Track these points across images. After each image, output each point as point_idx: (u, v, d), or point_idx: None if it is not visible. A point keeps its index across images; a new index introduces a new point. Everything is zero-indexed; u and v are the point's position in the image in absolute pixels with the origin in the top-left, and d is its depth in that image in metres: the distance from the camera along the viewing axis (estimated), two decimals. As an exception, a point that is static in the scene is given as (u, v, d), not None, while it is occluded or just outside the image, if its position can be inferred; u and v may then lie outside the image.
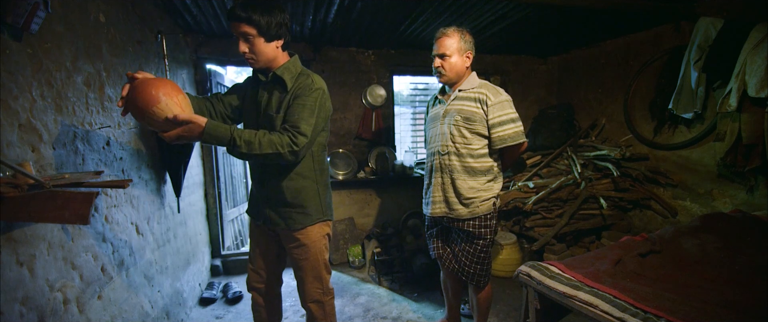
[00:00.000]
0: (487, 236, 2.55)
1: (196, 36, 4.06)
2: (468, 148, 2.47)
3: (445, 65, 2.48)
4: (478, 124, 2.44)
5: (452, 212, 2.56)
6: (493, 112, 2.39)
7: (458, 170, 2.51)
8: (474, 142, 2.47)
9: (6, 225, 1.39)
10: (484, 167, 2.49)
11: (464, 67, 2.49)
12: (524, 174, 4.62)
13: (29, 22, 1.48)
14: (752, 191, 3.29)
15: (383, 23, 3.80)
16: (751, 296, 1.92)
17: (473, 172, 2.49)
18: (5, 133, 1.40)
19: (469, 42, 2.47)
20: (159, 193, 2.94)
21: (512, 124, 2.39)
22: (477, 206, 2.49)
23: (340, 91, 4.67)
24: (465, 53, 2.47)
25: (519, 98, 5.41)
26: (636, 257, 2.43)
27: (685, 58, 3.46)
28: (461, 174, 2.50)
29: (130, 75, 1.65)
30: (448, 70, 2.48)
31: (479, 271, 2.61)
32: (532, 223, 4.19)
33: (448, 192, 2.57)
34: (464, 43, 2.45)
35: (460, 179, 2.50)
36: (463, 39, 2.44)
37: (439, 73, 2.53)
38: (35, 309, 1.52)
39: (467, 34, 2.47)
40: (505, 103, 2.40)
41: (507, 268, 4.06)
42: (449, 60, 2.46)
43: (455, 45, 2.44)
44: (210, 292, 3.80)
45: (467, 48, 2.47)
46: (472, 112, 2.44)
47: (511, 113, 2.40)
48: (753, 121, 2.90)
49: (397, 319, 3.36)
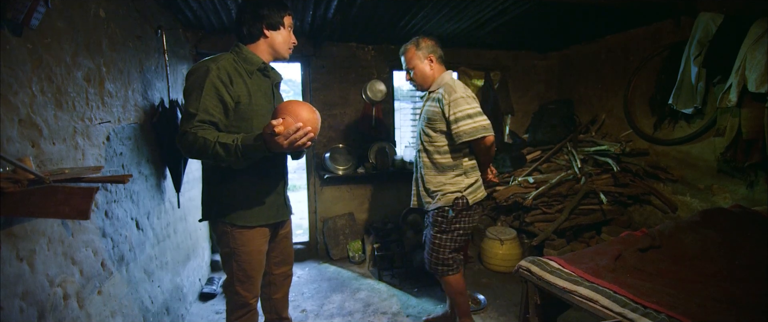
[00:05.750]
0: (442, 226, 2.68)
1: (196, 31, 4.05)
2: (434, 145, 2.67)
3: (414, 77, 2.74)
4: (439, 123, 2.61)
5: (423, 204, 2.82)
6: (449, 109, 2.52)
7: (428, 165, 2.73)
8: (438, 140, 2.65)
9: (6, 220, 1.39)
10: (450, 163, 2.65)
11: (429, 71, 2.69)
12: (524, 169, 4.62)
13: (29, 18, 1.47)
14: (752, 186, 3.29)
15: (383, 18, 3.79)
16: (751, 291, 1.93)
17: (441, 167, 2.67)
18: (5, 128, 1.40)
19: (426, 46, 2.67)
20: (159, 188, 2.94)
21: (469, 120, 2.48)
22: (439, 198, 2.66)
23: (340, 86, 4.66)
24: (426, 58, 2.67)
25: (519, 93, 5.41)
26: (636, 252, 2.44)
27: (685, 54, 3.45)
28: (430, 170, 2.71)
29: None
30: (417, 79, 2.74)
31: (434, 258, 2.76)
32: (532, 218, 4.20)
33: (419, 186, 2.83)
34: (420, 50, 2.67)
35: (429, 175, 2.72)
36: (418, 48, 2.67)
37: (414, 85, 2.82)
38: (35, 304, 1.52)
39: (423, 40, 2.69)
40: (460, 100, 2.50)
41: (507, 263, 4.06)
42: (414, 71, 2.71)
43: (413, 57, 2.69)
44: (210, 287, 3.81)
45: (426, 53, 2.67)
46: (434, 112, 2.63)
47: (468, 109, 2.49)
48: (753, 117, 2.90)
49: (397, 314, 3.36)
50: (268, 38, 2.10)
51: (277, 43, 2.12)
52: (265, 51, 2.13)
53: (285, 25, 2.13)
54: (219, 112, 1.88)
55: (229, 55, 2.03)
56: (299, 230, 6.13)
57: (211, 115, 1.84)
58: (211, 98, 1.85)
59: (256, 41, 2.10)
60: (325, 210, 4.82)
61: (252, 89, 2.03)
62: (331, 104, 4.66)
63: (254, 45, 2.10)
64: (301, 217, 6.42)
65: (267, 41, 2.11)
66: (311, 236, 4.90)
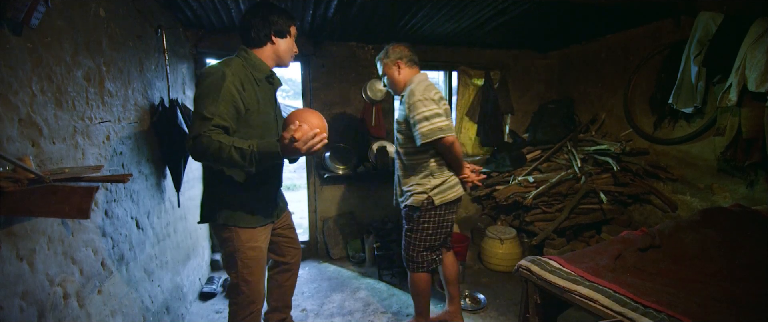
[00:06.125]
0: (411, 224, 2.82)
1: (196, 30, 4.05)
2: (404, 147, 2.77)
3: (387, 84, 2.87)
4: (404, 125, 2.69)
5: (399, 203, 2.95)
6: (409, 112, 2.60)
7: (401, 167, 2.85)
8: (406, 142, 2.73)
9: (6, 220, 1.39)
10: (417, 164, 2.73)
11: (398, 76, 2.76)
12: (524, 169, 4.62)
13: (29, 17, 1.47)
14: (752, 185, 3.29)
15: (383, 18, 3.78)
16: (751, 290, 1.93)
17: (410, 168, 2.77)
18: (5, 127, 1.40)
19: (394, 52, 2.76)
20: (159, 187, 2.94)
21: (426, 123, 2.52)
22: (408, 198, 2.78)
23: (340, 85, 4.66)
24: (394, 64, 2.75)
25: (519, 93, 5.41)
26: (636, 251, 2.44)
27: (685, 53, 3.45)
28: (404, 171, 2.83)
29: None
30: (390, 86, 2.85)
31: (406, 254, 2.92)
32: (532, 217, 4.20)
33: (396, 186, 2.97)
34: (388, 58, 2.76)
35: (404, 176, 2.83)
36: (386, 56, 2.77)
37: (390, 92, 2.91)
38: (35, 304, 1.52)
39: (391, 48, 2.78)
40: (418, 103, 2.54)
41: (507, 262, 4.07)
42: (386, 78, 2.83)
43: (384, 66, 2.80)
44: (210, 286, 3.81)
45: (393, 59, 2.75)
46: (401, 115, 2.73)
47: (425, 111, 2.53)
48: (753, 116, 2.90)
49: (397, 313, 3.37)
50: (274, 45, 2.19)
51: (281, 51, 2.23)
52: (269, 57, 2.21)
53: (290, 34, 2.26)
54: (231, 118, 1.93)
55: (238, 59, 2.11)
56: (299, 230, 6.05)
57: (225, 121, 1.88)
58: (226, 104, 1.90)
59: (263, 46, 2.18)
60: (325, 209, 4.82)
61: (260, 97, 2.12)
62: (331, 104, 4.66)
63: (260, 50, 2.18)
64: (301, 216, 6.42)
65: (273, 47, 2.20)
66: (311, 236, 4.90)
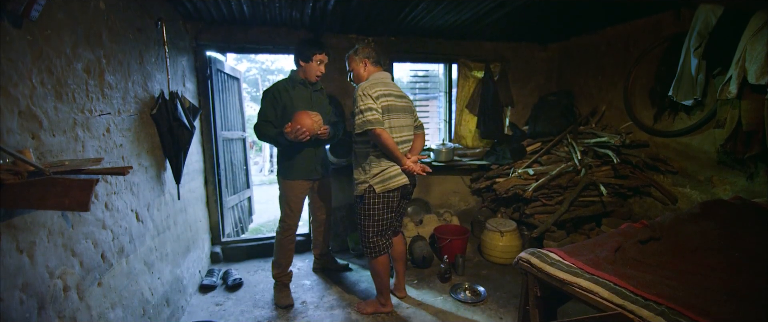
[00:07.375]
0: (359, 212, 3.03)
1: (196, 23, 4.03)
2: (354, 139, 3.02)
3: (352, 77, 3.11)
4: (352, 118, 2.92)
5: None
6: (353, 105, 2.87)
7: (354, 156, 3.07)
8: (354, 135, 2.96)
9: (6, 212, 1.39)
10: (360, 154, 2.99)
11: (363, 72, 3.03)
12: (524, 161, 4.62)
13: (29, 9, 1.47)
14: (752, 177, 3.29)
15: (383, 10, 3.77)
16: (751, 282, 1.93)
17: (357, 158, 3.03)
18: (5, 120, 1.40)
19: (363, 52, 3.01)
20: (159, 180, 2.94)
21: (360, 115, 2.80)
22: (355, 188, 3.03)
23: (340, 78, 4.65)
24: (361, 62, 3.02)
25: (519, 85, 5.40)
26: (636, 243, 2.45)
27: (685, 45, 3.44)
28: (355, 159, 3.06)
29: None
30: (354, 79, 3.09)
31: (362, 240, 3.12)
32: (531, 210, 4.20)
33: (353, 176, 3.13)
34: (358, 55, 3.02)
35: (354, 167, 3.07)
36: (356, 54, 3.03)
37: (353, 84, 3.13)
38: (35, 296, 1.52)
39: (362, 48, 3.03)
40: (357, 97, 2.83)
41: (507, 255, 4.08)
42: (352, 73, 3.08)
43: (351, 61, 3.05)
44: (210, 279, 3.82)
45: (362, 58, 3.01)
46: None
47: (360, 105, 2.80)
48: (753, 108, 2.89)
49: (397, 306, 3.37)
50: (302, 66, 3.29)
51: (308, 71, 3.30)
52: (302, 72, 3.33)
53: (313, 60, 3.24)
54: (272, 115, 3.26)
55: (285, 77, 3.40)
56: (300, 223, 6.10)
57: (267, 117, 3.26)
58: (269, 108, 3.27)
59: (299, 66, 3.32)
60: (325, 202, 4.80)
61: (294, 97, 3.28)
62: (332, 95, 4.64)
63: (299, 68, 3.33)
64: (301, 209, 6.41)
65: (303, 67, 3.30)
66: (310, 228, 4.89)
